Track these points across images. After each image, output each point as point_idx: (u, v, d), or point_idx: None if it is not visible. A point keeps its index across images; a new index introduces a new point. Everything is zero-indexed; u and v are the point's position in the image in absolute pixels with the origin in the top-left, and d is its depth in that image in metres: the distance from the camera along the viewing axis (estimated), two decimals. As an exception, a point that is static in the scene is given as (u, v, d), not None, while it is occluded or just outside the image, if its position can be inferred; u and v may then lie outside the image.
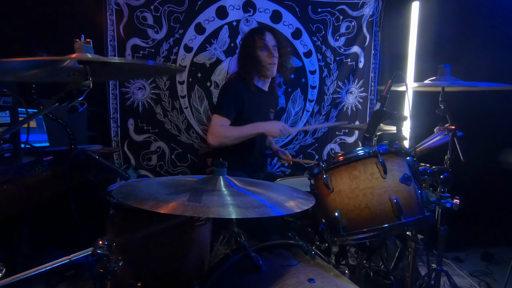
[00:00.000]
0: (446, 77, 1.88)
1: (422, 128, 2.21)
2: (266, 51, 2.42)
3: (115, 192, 1.12)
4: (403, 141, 1.54)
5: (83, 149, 1.36)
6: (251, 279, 1.17)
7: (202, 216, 1.46)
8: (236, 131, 2.32)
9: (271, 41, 2.44)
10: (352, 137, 3.38)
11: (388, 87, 1.58)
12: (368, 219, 1.43)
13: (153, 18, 2.81)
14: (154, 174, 2.98)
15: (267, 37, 2.43)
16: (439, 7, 3.01)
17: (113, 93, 2.83)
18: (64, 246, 1.31)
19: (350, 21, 3.15)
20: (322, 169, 1.53)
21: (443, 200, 1.73)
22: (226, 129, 2.33)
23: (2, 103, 1.49)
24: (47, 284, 2.10)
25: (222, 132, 2.31)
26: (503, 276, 2.26)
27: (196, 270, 1.53)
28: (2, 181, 1.21)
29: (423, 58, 3.07)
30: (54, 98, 1.10)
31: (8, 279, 0.85)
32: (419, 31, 3.09)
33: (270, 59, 2.42)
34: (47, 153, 1.61)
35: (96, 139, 2.61)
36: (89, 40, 1.15)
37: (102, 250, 0.90)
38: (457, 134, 1.88)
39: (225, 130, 2.32)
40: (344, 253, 2.01)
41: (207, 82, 2.97)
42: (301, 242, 1.37)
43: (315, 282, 1.09)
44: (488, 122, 2.93)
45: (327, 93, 3.23)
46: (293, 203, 1.15)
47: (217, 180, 1.19)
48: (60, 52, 1.13)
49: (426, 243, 1.71)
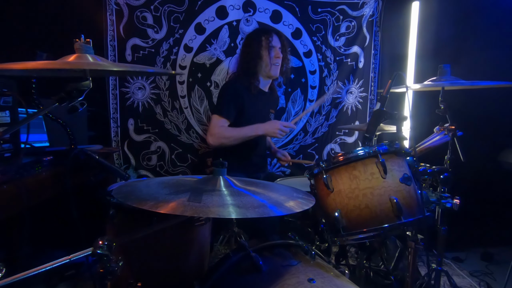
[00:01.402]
0: (446, 77, 1.88)
1: (422, 128, 2.21)
2: (272, 52, 2.43)
3: (115, 192, 1.12)
4: (403, 141, 1.54)
5: (83, 149, 1.36)
6: (251, 279, 1.17)
7: (202, 216, 1.46)
8: (236, 132, 2.32)
9: (277, 43, 2.46)
10: (352, 137, 3.38)
11: (388, 87, 1.58)
12: (368, 219, 1.43)
13: (153, 18, 2.81)
14: (154, 174, 2.98)
15: (274, 38, 2.45)
16: (439, 7, 3.01)
17: (113, 93, 2.83)
18: (64, 246, 1.32)
19: (350, 21, 3.15)
20: (322, 169, 1.53)
21: (443, 200, 1.73)
22: (225, 130, 2.32)
23: (2, 103, 1.49)
24: (47, 284, 2.10)
25: (222, 132, 2.31)
26: (503, 276, 2.26)
27: (196, 270, 1.53)
28: (2, 181, 1.21)
29: (423, 58, 3.07)
30: (54, 98, 1.10)
31: (8, 279, 0.85)
32: (419, 31, 3.09)
33: (275, 60, 2.44)
34: (47, 153, 1.61)
35: (96, 139, 2.61)
36: (89, 40, 1.15)
37: (102, 250, 0.90)
38: (457, 134, 1.89)
39: (224, 131, 2.32)
40: (344, 253, 2.01)
41: (207, 82, 2.97)
42: (301, 242, 1.37)
43: (315, 282, 1.09)
44: (488, 122, 2.93)
45: (327, 93, 3.23)
46: (293, 203, 1.15)
47: (217, 180, 1.19)
48: (60, 52, 1.13)
49: (426, 243, 1.70)
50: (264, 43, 2.42)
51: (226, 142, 2.32)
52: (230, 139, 2.31)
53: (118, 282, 0.98)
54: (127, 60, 2.79)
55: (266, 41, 2.42)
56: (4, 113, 1.51)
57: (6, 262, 0.93)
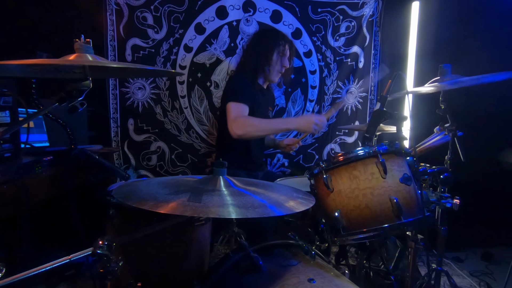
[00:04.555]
0: (446, 76, 1.87)
1: (422, 128, 2.21)
2: (284, 60, 2.42)
3: (115, 192, 1.12)
4: (403, 141, 1.53)
5: (83, 149, 1.36)
6: (251, 279, 1.17)
7: (202, 216, 1.46)
8: (265, 122, 2.15)
9: (288, 52, 2.46)
10: (352, 137, 3.38)
11: (388, 87, 1.58)
12: (368, 219, 1.43)
13: (153, 18, 2.81)
14: (154, 174, 2.98)
15: (289, 47, 2.44)
16: (439, 7, 3.01)
17: (113, 93, 2.83)
18: (64, 246, 1.32)
19: (350, 21, 3.15)
20: (322, 169, 1.53)
21: (443, 200, 1.73)
22: (251, 118, 2.11)
23: (2, 103, 1.49)
24: (47, 284, 2.10)
25: (247, 120, 2.09)
26: (503, 276, 2.26)
27: (196, 270, 1.53)
28: (2, 181, 1.21)
29: (423, 58, 3.07)
30: (54, 98, 1.10)
31: (8, 279, 0.85)
32: (419, 31, 3.09)
33: (282, 68, 2.44)
34: (47, 153, 1.61)
35: (96, 139, 2.61)
36: (89, 40, 1.15)
37: (102, 250, 0.90)
38: (457, 134, 1.88)
39: (250, 118, 2.10)
40: (344, 253, 2.01)
41: (207, 82, 2.97)
42: (301, 242, 1.37)
43: (315, 282, 1.09)
44: (488, 122, 2.93)
45: (327, 93, 3.23)
46: (293, 203, 1.15)
47: (217, 180, 1.19)
48: (60, 52, 1.13)
49: (426, 243, 1.71)
50: (280, 48, 2.40)
51: (251, 131, 2.10)
52: (258, 128, 2.11)
53: (118, 282, 0.98)
54: (127, 60, 2.79)
55: (282, 47, 2.41)
56: (4, 113, 1.51)
57: (6, 262, 0.93)
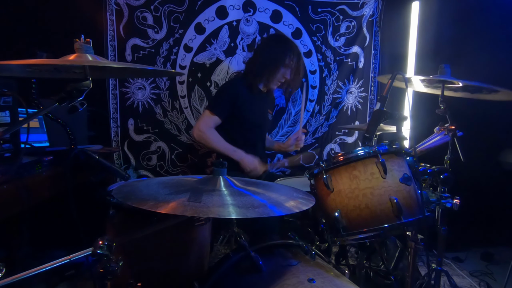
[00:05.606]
0: (446, 76, 1.87)
1: (422, 128, 2.21)
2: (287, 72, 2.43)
3: (115, 192, 1.12)
4: (403, 141, 1.53)
5: (83, 149, 1.36)
6: (251, 279, 1.17)
7: (202, 216, 1.46)
8: (218, 143, 2.33)
9: (294, 65, 2.45)
10: (352, 137, 3.38)
11: (388, 87, 1.58)
12: (368, 219, 1.43)
13: (153, 18, 2.81)
14: (154, 174, 2.98)
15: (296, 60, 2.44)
16: (439, 7, 3.00)
17: (113, 93, 2.83)
18: (64, 246, 1.32)
19: (350, 21, 3.15)
20: (322, 169, 1.53)
21: (443, 200, 1.73)
22: (211, 134, 2.33)
23: (2, 103, 1.49)
24: (47, 284, 2.10)
25: (208, 134, 2.32)
26: (503, 276, 2.26)
27: (196, 270, 1.53)
28: (2, 181, 1.21)
29: (423, 58, 3.07)
30: (54, 98, 1.10)
31: (8, 279, 0.85)
32: (419, 31, 3.09)
33: (282, 78, 2.45)
34: (47, 153, 1.61)
35: (96, 139, 2.61)
36: (89, 40, 1.15)
37: (102, 250, 0.90)
38: (457, 134, 1.88)
39: (210, 134, 2.32)
40: (344, 253, 2.01)
41: (207, 82, 2.97)
42: (301, 242, 1.37)
43: (315, 282, 1.09)
44: (488, 122, 2.92)
45: (327, 93, 3.23)
46: (293, 203, 1.15)
47: (217, 180, 1.19)
48: (60, 52, 1.13)
49: (426, 243, 1.71)
50: (287, 60, 2.40)
51: (205, 144, 2.37)
52: (209, 144, 2.34)
53: (118, 282, 0.98)
54: (127, 60, 2.79)
55: (289, 59, 2.40)
56: (4, 113, 1.51)
57: (6, 262, 0.93)
